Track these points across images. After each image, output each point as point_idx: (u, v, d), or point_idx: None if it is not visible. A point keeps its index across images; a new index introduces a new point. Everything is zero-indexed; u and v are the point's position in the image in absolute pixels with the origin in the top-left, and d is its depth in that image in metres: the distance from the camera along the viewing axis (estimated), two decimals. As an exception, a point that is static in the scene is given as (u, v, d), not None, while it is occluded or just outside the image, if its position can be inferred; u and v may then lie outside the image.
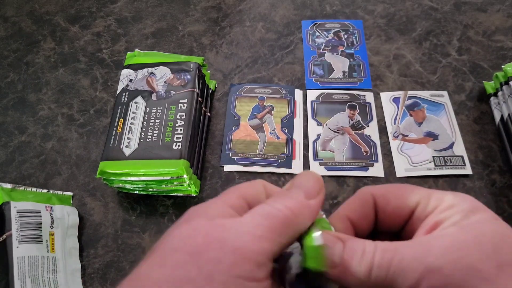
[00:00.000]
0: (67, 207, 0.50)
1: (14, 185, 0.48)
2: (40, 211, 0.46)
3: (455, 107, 0.56)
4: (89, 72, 0.64)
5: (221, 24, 0.67)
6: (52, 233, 0.46)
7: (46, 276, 0.43)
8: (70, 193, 0.53)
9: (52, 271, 0.44)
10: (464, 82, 0.59)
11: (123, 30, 0.68)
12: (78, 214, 0.50)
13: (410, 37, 0.63)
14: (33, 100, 0.62)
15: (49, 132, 0.58)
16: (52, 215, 0.47)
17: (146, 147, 0.48)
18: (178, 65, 0.54)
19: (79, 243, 0.49)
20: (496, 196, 0.49)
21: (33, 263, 0.43)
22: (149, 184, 0.48)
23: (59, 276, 0.45)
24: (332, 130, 0.56)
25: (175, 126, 0.49)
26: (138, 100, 0.52)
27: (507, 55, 0.60)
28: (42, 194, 0.50)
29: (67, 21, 0.70)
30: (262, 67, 0.62)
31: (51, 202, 0.49)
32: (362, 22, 0.66)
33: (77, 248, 0.48)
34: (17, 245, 0.43)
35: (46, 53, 0.67)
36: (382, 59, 0.62)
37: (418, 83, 0.59)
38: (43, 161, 0.56)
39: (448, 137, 0.54)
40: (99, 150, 0.56)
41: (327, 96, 0.59)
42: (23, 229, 0.44)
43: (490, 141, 0.54)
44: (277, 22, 0.67)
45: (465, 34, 0.63)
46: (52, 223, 0.46)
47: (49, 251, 0.45)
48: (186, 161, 0.47)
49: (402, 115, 0.56)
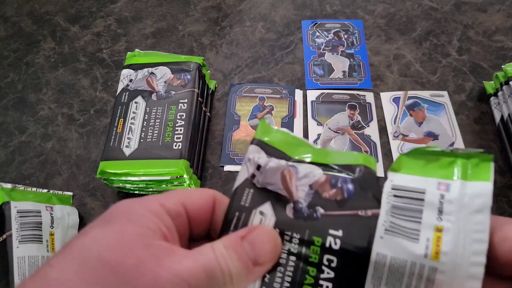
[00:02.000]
0: (67, 207, 0.50)
1: (14, 185, 0.48)
2: (40, 211, 0.46)
3: (455, 107, 0.56)
4: (89, 72, 0.64)
5: (221, 24, 0.67)
6: (52, 233, 0.46)
7: None
8: (70, 193, 0.53)
9: None
10: (464, 82, 0.59)
11: (123, 30, 0.68)
12: (78, 214, 0.50)
13: (410, 37, 0.63)
14: (33, 100, 0.62)
15: (49, 132, 0.58)
16: (52, 215, 0.47)
17: (146, 147, 0.48)
18: (178, 65, 0.54)
19: (79, 243, 0.49)
20: (496, 196, 0.49)
21: (33, 263, 0.43)
22: (149, 184, 0.48)
23: None
24: (332, 130, 0.56)
25: (175, 126, 0.49)
26: (138, 100, 0.52)
27: (507, 55, 0.60)
28: (42, 194, 0.50)
29: (67, 21, 0.70)
30: (262, 67, 0.62)
31: (51, 202, 0.49)
32: (362, 22, 0.66)
33: None
34: (17, 245, 0.43)
35: (46, 53, 0.67)
36: (382, 59, 0.62)
37: (418, 83, 0.59)
38: (43, 161, 0.56)
39: (448, 137, 0.54)
40: (99, 150, 0.56)
41: (327, 96, 0.59)
42: (23, 229, 0.44)
43: (490, 141, 0.54)
44: (277, 22, 0.67)
45: (465, 34, 0.63)
46: (52, 223, 0.46)
47: (49, 251, 0.45)
48: (186, 161, 0.47)
49: (402, 115, 0.56)
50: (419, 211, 0.18)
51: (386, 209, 0.18)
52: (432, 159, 0.19)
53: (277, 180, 0.20)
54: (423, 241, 0.17)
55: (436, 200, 0.18)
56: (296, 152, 0.21)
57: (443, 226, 0.17)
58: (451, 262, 0.16)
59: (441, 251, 0.17)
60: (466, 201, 0.17)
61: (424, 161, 0.19)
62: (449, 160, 0.19)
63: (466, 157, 0.18)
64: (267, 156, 0.21)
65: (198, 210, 0.19)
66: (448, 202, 0.17)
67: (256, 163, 0.21)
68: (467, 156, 0.18)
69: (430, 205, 0.18)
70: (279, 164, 0.21)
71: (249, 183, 0.21)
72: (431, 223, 0.17)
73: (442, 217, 0.17)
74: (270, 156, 0.21)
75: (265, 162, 0.21)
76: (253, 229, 0.19)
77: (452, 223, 0.17)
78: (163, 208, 0.18)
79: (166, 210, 0.18)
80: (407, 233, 0.18)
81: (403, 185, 0.19)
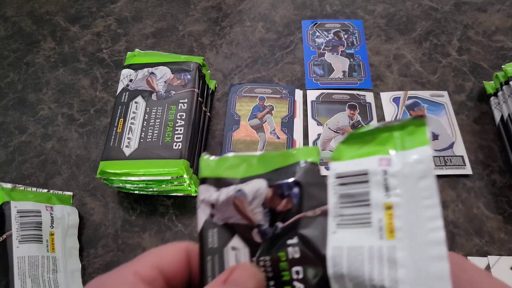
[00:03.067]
0: (67, 207, 0.50)
1: (14, 185, 0.48)
2: (40, 211, 0.46)
3: (455, 107, 0.56)
4: (89, 72, 0.64)
5: (221, 24, 0.67)
6: (52, 233, 0.46)
7: (46, 276, 0.43)
8: (70, 193, 0.53)
9: (52, 271, 0.44)
10: (464, 82, 0.59)
11: (123, 30, 0.68)
12: (78, 214, 0.50)
13: (410, 37, 0.63)
14: (33, 100, 0.62)
15: (49, 132, 0.58)
16: (52, 215, 0.47)
17: (146, 147, 0.48)
18: (178, 65, 0.54)
19: (79, 243, 0.49)
20: (496, 196, 0.49)
21: (33, 263, 0.43)
22: (149, 184, 0.48)
23: (59, 276, 0.45)
24: (332, 130, 0.56)
25: (175, 126, 0.49)
26: (138, 100, 0.52)
27: (507, 55, 0.60)
28: (42, 194, 0.50)
29: (67, 21, 0.70)
30: (262, 67, 0.62)
31: (51, 202, 0.49)
32: (362, 22, 0.66)
33: (77, 248, 0.48)
34: (17, 245, 0.43)
35: (46, 53, 0.67)
36: (382, 59, 0.62)
37: (418, 83, 0.59)
38: (43, 161, 0.56)
39: (448, 137, 0.54)
40: (99, 150, 0.56)
41: (327, 96, 0.59)
42: (23, 229, 0.44)
43: (490, 141, 0.54)
44: (277, 22, 0.67)
45: (465, 34, 0.63)
46: (52, 223, 0.46)
47: (49, 251, 0.45)
48: (186, 161, 0.47)
49: (402, 115, 0.56)
50: (366, 194, 0.17)
51: (334, 201, 0.18)
52: (369, 139, 0.19)
53: (233, 212, 0.20)
54: (376, 223, 0.17)
55: (380, 177, 0.17)
56: (240, 172, 0.21)
57: (392, 202, 0.16)
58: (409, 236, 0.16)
59: (395, 228, 0.16)
60: (409, 170, 0.17)
61: (362, 143, 0.19)
62: (386, 135, 0.18)
63: (401, 128, 0.18)
64: (216, 190, 0.20)
65: (173, 268, 0.19)
66: (392, 176, 0.17)
67: (209, 202, 0.20)
68: (402, 127, 0.18)
69: (376, 184, 0.17)
70: (228, 194, 0.20)
71: (210, 223, 0.20)
72: (380, 202, 0.17)
73: (390, 193, 0.17)
74: (219, 189, 0.20)
75: (216, 198, 0.20)
76: (232, 270, 0.18)
77: (400, 197, 0.16)
78: (137, 277, 0.17)
79: (140, 279, 0.17)
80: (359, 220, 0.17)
81: (346, 171, 0.18)
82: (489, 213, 0.48)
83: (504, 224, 0.48)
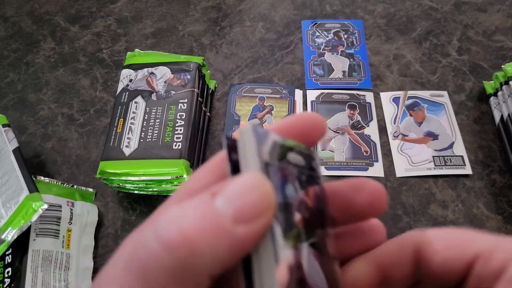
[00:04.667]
0: (87, 204, 0.49)
1: (40, 177, 0.47)
2: (61, 206, 0.45)
3: (455, 107, 0.56)
4: (89, 72, 0.64)
5: (221, 24, 0.67)
6: (70, 229, 0.45)
7: (58, 272, 0.43)
8: (93, 190, 0.52)
9: (64, 268, 0.44)
10: (464, 82, 0.59)
11: (123, 30, 0.68)
12: (98, 212, 0.50)
13: (410, 37, 0.63)
14: (33, 100, 0.62)
15: (49, 132, 0.58)
16: (72, 211, 0.46)
17: (146, 147, 0.48)
18: (178, 65, 0.54)
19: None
20: (496, 196, 0.49)
21: (46, 258, 0.42)
22: (149, 184, 0.48)
23: (70, 273, 0.44)
24: (332, 130, 0.56)
25: (175, 126, 0.49)
26: (138, 100, 0.52)
27: (507, 55, 0.60)
28: (65, 188, 0.50)
29: (67, 21, 0.70)
30: (262, 67, 0.62)
31: (74, 197, 0.49)
32: (362, 22, 0.66)
33: (92, 247, 0.48)
34: (34, 238, 0.42)
35: (46, 53, 0.67)
36: (382, 59, 0.62)
37: (418, 83, 0.59)
38: (43, 161, 0.56)
39: (448, 137, 0.54)
40: (99, 150, 0.56)
41: (327, 96, 0.59)
42: (42, 222, 0.43)
43: (490, 141, 0.54)
44: (277, 22, 0.67)
45: (465, 34, 0.63)
46: (71, 219, 0.46)
47: (64, 247, 0.44)
48: (186, 161, 0.47)
49: (402, 115, 0.56)
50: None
51: None
52: None
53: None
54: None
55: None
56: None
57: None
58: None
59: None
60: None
61: None
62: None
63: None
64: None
65: None
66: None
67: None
68: None
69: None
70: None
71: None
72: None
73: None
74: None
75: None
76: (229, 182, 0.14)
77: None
78: None
79: None
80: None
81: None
82: (489, 213, 0.48)
83: (504, 224, 0.48)
